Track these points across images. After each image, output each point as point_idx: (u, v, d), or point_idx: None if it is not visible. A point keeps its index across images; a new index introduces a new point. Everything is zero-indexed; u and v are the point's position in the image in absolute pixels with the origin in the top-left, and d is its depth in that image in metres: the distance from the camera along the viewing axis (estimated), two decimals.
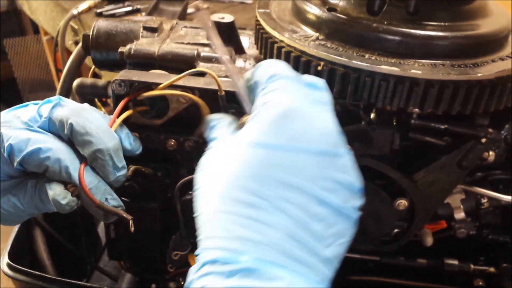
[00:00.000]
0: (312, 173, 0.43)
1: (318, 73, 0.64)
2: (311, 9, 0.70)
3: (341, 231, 0.45)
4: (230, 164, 0.44)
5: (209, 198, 0.44)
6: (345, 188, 0.45)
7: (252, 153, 0.43)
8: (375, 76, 0.61)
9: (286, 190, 0.42)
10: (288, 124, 0.43)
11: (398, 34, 0.63)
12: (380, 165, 0.68)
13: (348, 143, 0.68)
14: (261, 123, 0.44)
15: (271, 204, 0.42)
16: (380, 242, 0.77)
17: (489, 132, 0.67)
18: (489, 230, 0.81)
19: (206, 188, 0.46)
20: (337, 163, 0.45)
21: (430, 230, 0.79)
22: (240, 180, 0.43)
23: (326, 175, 0.44)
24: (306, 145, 0.43)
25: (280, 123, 0.43)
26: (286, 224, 0.42)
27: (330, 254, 0.44)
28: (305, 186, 0.42)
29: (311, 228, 0.42)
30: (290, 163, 0.42)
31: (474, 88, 0.61)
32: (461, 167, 0.68)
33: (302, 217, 0.42)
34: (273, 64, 0.51)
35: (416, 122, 0.66)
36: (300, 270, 0.41)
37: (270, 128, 0.43)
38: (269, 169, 0.42)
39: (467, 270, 0.82)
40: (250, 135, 0.44)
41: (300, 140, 0.43)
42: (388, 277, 0.85)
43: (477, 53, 0.65)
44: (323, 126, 0.45)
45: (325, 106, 0.48)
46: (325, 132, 0.45)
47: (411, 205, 0.72)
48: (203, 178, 0.47)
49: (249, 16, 1.86)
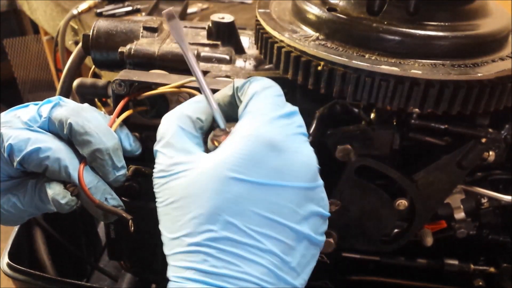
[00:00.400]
0: (292, 208, 0.43)
1: (318, 73, 0.64)
2: (311, 9, 0.70)
3: (312, 258, 0.46)
4: (208, 196, 0.42)
5: (186, 227, 0.42)
6: (318, 218, 0.46)
7: (231, 187, 0.42)
8: (375, 76, 0.61)
9: (265, 226, 0.42)
10: (270, 158, 0.43)
11: (398, 34, 0.63)
12: (380, 165, 0.68)
13: (348, 143, 0.68)
14: (242, 155, 0.42)
15: (250, 239, 0.41)
16: (380, 242, 0.77)
17: (489, 132, 0.67)
18: (489, 230, 0.81)
19: (182, 217, 0.43)
20: (315, 196, 0.45)
21: (430, 230, 0.79)
22: (219, 214, 0.41)
23: (305, 209, 0.44)
24: (287, 182, 0.43)
25: (261, 156, 0.42)
26: (264, 261, 0.41)
27: (300, 284, 0.44)
28: (284, 221, 0.42)
29: (287, 261, 0.43)
30: (271, 199, 0.42)
31: (474, 88, 0.61)
32: (461, 167, 0.68)
33: (280, 253, 0.42)
34: (260, 85, 0.49)
35: (416, 122, 0.66)
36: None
37: (252, 162, 0.42)
38: (250, 204, 0.42)
39: (467, 270, 0.82)
40: (229, 166, 0.42)
41: (283, 176, 0.43)
42: (388, 277, 0.85)
43: (477, 53, 0.65)
44: (304, 161, 0.44)
45: (303, 137, 0.47)
46: (307, 167, 0.44)
47: (411, 205, 0.72)
48: (176, 207, 0.44)
49: (249, 16, 1.86)
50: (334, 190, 0.72)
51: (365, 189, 0.71)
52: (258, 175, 0.42)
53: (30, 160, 0.54)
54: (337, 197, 0.72)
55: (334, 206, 0.73)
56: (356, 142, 0.68)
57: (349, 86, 0.63)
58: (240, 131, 0.45)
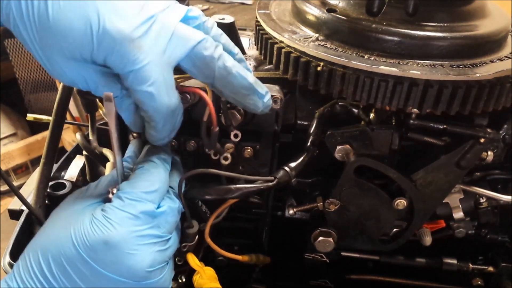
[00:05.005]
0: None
1: (317, 73, 0.65)
2: (310, 10, 0.71)
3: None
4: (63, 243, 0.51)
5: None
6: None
7: (70, 250, 0.50)
8: (374, 76, 0.61)
9: (73, 286, 0.50)
10: (104, 251, 0.50)
11: (397, 35, 0.63)
12: (379, 165, 0.69)
13: (348, 143, 0.69)
14: (89, 238, 0.50)
15: (54, 286, 0.50)
16: (379, 241, 0.77)
17: (488, 132, 0.67)
18: (487, 230, 0.82)
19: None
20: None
21: (429, 229, 0.79)
22: (52, 255, 0.50)
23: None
24: (108, 273, 0.50)
25: (98, 247, 0.50)
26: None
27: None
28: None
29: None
30: (90, 276, 0.50)
31: (473, 88, 0.61)
32: (460, 167, 0.69)
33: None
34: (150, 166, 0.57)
35: (415, 122, 0.66)
36: None
37: (90, 246, 0.50)
38: (74, 270, 0.50)
39: (465, 269, 0.83)
40: (80, 243, 0.50)
41: (106, 267, 0.50)
42: (387, 276, 0.86)
43: (476, 54, 0.65)
44: (133, 264, 0.51)
45: (151, 239, 0.53)
46: (133, 269, 0.51)
47: (410, 204, 0.72)
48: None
49: (249, 17, 1.87)
50: (333, 190, 0.72)
51: (364, 189, 0.71)
52: (87, 255, 0.50)
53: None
54: (337, 197, 0.72)
55: (333, 205, 0.73)
56: (355, 142, 0.69)
57: (349, 86, 0.63)
58: (105, 211, 0.52)
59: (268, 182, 0.63)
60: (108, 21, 0.48)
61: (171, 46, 0.52)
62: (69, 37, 0.49)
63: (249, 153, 0.69)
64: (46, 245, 0.51)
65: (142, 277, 0.52)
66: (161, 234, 0.53)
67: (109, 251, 0.50)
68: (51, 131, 0.81)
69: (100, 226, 0.51)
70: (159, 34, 0.51)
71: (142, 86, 0.51)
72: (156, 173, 0.56)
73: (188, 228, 0.62)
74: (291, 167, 0.66)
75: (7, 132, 2.71)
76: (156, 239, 0.53)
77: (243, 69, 0.57)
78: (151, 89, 0.51)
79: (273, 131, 0.69)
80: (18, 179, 2.66)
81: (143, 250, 0.52)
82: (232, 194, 0.62)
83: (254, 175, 0.69)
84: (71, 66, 0.52)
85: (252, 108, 0.60)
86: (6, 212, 0.90)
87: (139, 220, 0.52)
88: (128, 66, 0.50)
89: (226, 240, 0.78)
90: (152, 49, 0.51)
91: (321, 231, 0.76)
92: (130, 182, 0.54)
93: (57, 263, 0.50)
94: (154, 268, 0.52)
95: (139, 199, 0.53)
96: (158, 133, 0.57)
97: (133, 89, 0.52)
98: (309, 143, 0.69)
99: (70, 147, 1.53)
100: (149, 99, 0.52)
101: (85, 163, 0.93)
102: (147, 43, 0.50)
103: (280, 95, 0.66)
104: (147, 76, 0.51)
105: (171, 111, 0.55)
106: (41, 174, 0.81)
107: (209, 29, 0.57)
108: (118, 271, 0.51)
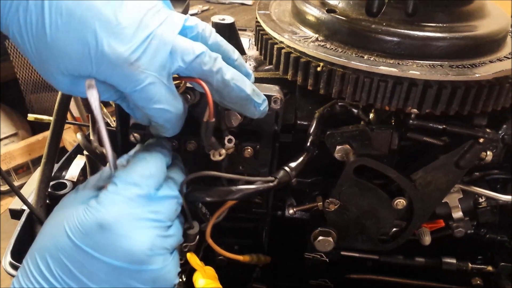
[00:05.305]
0: (106, 278, 0.50)
1: (317, 73, 0.65)
2: (310, 10, 0.71)
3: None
4: (49, 234, 0.52)
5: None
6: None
7: (63, 238, 0.50)
8: (374, 76, 0.61)
9: (71, 278, 0.49)
10: (99, 234, 0.49)
11: (396, 35, 0.63)
12: (379, 165, 0.69)
13: (347, 143, 0.69)
14: (81, 220, 0.50)
15: (54, 279, 0.49)
16: (379, 241, 0.77)
17: (487, 132, 0.67)
18: (486, 229, 0.82)
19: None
20: (138, 277, 0.51)
21: (428, 229, 0.79)
22: (43, 251, 0.50)
23: (121, 283, 0.50)
24: (106, 258, 0.49)
25: (92, 231, 0.49)
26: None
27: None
28: (93, 285, 0.50)
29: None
30: (88, 266, 0.49)
31: (472, 88, 0.61)
32: (459, 166, 0.69)
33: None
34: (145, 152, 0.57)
35: (415, 122, 0.67)
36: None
37: (84, 231, 0.49)
38: (65, 257, 0.49)
39: (465, 268, 0.83)
40: (69, 225, 0.50)
41: (103, 252, 0.49)
42: (386, 276, 0.86)
43: (475, 54, 0.65)
44: (129, 246, 0.50)
45: (149, 223, 0.52)
46: (130, 252, 0.50)
47: (409, 204, 0.72)
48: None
49: (250, 18, 1.87)
50: (333, 190, 0.72)
51: (364, 189, 0.71)
52: (82, 242, 0.49)
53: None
54: (336, 196, 0.72)
55: (333, 205, 0.73)
56: (355, 142, 0.69)
57: (348, 86, 0.63)
58: (99, 197, 0.52)
59: (268, 183, 0.64)
60: (106, 44, 0.48)
61: (170, 60, 0.52)
62: (67, 57, 0.49)
63: (249, 153, 0.69)
64: (43, 244, 0.51)
65: (141, 261, 0.50)
66: (160, 219, 0.52)
67: (103, 234, 0.49)
68: (52, 131, 0.82)
69: (92, 211, 0.50)
70: (158, 50, 0.51)
71: (149, 104, 0.52)
72: (152, 161, 0.56)
73: (189, 229, 0.62)
74: (291, 167, 0.66)
75: (8, 132, 2.71)
76: (154, 223, 0.52)
77: (241, 80, 0.58)
78: (158, 106, 0.52)
79: (273, 131, 0.69)
80: (19, 179, 2.66)
81: (140, 232, 0.50)
82: (233, 195, 0.62)
83: (254, 175, 0.69)
84: (68, 80, 0.52)
85: (249, 115, 0.61)
86: (7, 212, 0.90)
87: (134, 203, 0.51)
88: (130, 87, 0.51)
89: (226, 239, 0.78)
90: (152, 66, 0.51)
91: (321, 230, 0.76)
92: (125, 169, 0.54)
93: (54, 260, 0.50)
94: (153, 253, 0.51)
95: (133, 183, 0.52)
96: (167, 133, 0.58)
97: (141, 106, 0.53)
98: (309, 143, 0.70)
99: (71, 147, 1.53)
100: (159, 113, 0.54)
101: (86, 163, 0.94)
102: (145, 61, 0.50)
103: (280, 95, 0.66)
104: (151, 95, 0.51)
105: (180, 117, 0.56)
106: (42, 174, 0.81)
107: (207, 37, 0.57)
108: (115, 254, 0.49)
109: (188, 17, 0.57)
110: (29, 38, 0.48)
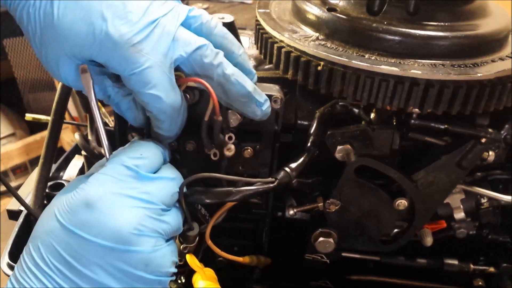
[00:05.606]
0: (95, 260, 0.49)
1: (318, 73, 0.64)
2: (311, 9, 0.70)
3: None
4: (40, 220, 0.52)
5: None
6: (130, 279, 0.50)
7: (51, 221, 0.50)
8: (375, 76, 0.61)
9: (62, 263, 0.48)
10: (85, 213, 0.49)
11: (398, 34, 0.63)
12: (380, 165, 0.68)
13: (348, 143, 0.68)
14: (69, 205, 0.50)
15: (47, 267, 0.48)
16: (380, 242, 0.77)
17: (489, 132, 0.67)
18: (488, 230, 0.81)
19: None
20: (127, 258, 0.49)
21: (430, 230, 0.79)
22: (34, 238, 0.50)
23: (111, 265, 0.49)
24: (92, 237, 0.48)
25: (79, 210, 0.49)
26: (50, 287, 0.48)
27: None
28: (79, 267, 0.48)
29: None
30: (77, 247, 0.49)
31: (474, 88, 0.61)
32: (461, 167, 0.69)
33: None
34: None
35: (416, 122, 0.66)
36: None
37: (71, 211, 0.49)
38: (55, 241, 0.49)
39: (467, 270, 0.83)
40: (58, 206, 0.50)
41: (90, 231, 0.49)
42: (388, 277, 0.85)
43: (477, 53, 0.65)
44: (115, 223, 0.49)
45: (137, 202, 0.51)
46: (116, 230, 0.49)
47: (411, 205, 0.72)
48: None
49: (249, 16, 1.86)
50: (334, 190, 0.72)
51: (365, 189, 0.71)
52: (69, 222, 0.49)
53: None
54: (337, 197, 0.72)
55: (334, 206, 0.73)
56: (356, 142, 0.68)
57: (349, 86, 0.63)
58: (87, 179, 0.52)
59: (269, 184, 0.63)
60: (111, 25, 0.49)
61: (172, 49, 0.53)
62: (72, 38, 0.50)
63: (249, 153, 0.68)
64: (35, 233, 0.51)
65: (127, 241, 0.49)
66: (150, 200, 0.51)
67: (89, 212, 0.49)
68: (50, 131, 0.81)
69: (79, 191, 0.50)
70: (161, 37, 0.52)
71: (144, 89, 0.52)
72: (146, 145, 0.56)
73: (188, 231, 0.61)
74: (291, 168, 0.65)
75: (6, 132, 2.70)
76: (143, 203, 0.51)
77: (242, 76, 0.58)
78: (153, 91, 0.52)
79: (273, 131, 0.68)
80: (17, 179, 2.65)
81: (126, 211, 0.50)
82: (233, 197, 0.61)
83: (254, 175, 0.69)
84: (67, 63, 0.52)
85: (250, 115, 0.61)
86: (5, 213, 0.89)
87: (122, 183, 0.51)
88: (129, 69, 0.51)
89: (226, 240, 0.78)
90: (153, 52, 0.51)
91: (321, 231, 0.76)
92: (116, 152, 0.54)
93: (46, 246, 0.49)
94: (141, 233, 0.50)
95: (121, 163, 0.52)
96: (165, 132, 0.58)
97: (136, 91, 0.53)
98: (310, 143, 0.69)
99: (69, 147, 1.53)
100: (153, 100, 0.53)
101: (84, 163, 0.93)
102: (148, 46, 0.51)
103: (280, 95, 0.66)
104: (149, 78, 0.52)
105: (176, 111, 0.56)
106: (39, 174, 0.81)
107: (212, 28, 0.57)
108: (101, 233, 0.48)
109: (193, 8, 0.57)
110: (36, 18, 0.50)
